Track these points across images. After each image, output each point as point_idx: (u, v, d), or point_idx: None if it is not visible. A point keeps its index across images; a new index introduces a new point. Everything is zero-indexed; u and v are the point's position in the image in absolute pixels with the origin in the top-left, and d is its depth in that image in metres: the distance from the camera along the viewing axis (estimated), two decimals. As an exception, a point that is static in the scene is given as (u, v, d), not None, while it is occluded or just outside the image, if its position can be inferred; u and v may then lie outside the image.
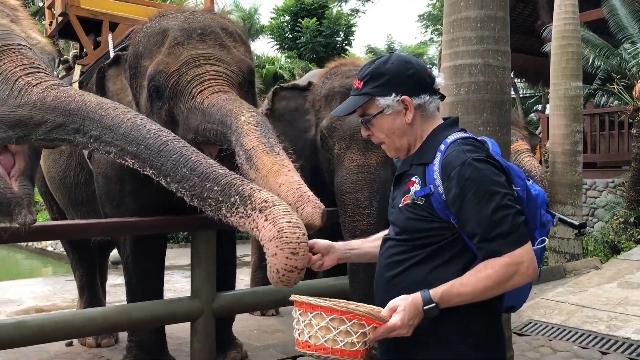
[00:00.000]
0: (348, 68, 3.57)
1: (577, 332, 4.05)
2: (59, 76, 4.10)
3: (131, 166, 1.84)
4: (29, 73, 1.90)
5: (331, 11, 18.28)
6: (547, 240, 1.59)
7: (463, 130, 1.57)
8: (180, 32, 2.70)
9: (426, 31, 26.11)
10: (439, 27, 24.32)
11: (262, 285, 4.98)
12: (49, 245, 10.15)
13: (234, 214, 1.71)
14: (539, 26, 10.41)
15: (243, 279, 5.57)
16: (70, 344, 4.00)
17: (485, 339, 1.50)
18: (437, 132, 1.55)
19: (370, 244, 1.77)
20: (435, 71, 1.59)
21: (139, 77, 2.85)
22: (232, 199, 1.71)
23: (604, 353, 3.72)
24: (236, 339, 3.62)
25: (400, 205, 1.55)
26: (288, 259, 1.57)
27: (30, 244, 10.52)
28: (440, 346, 1.49)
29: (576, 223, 1.89)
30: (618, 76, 7.75)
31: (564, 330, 4.12)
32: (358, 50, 25.27)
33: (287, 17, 17.96)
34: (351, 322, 1.37)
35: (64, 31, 4.00)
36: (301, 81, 4.25)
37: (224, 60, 2.65)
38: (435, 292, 1.41)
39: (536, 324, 4.28)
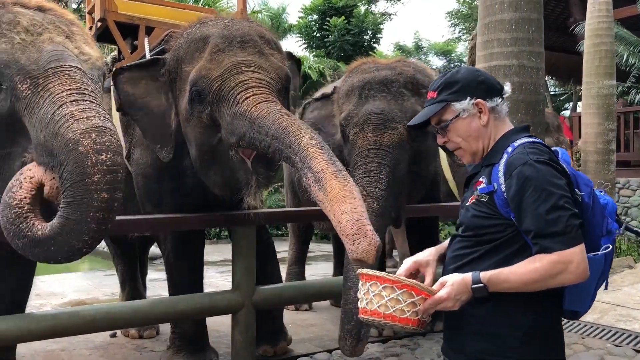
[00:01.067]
0: (368, 66, 3.65)
1: (610, 330, 4.07)
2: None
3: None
4: (73, 101, 1.95)
5: (359, 10, 18.30)
6: (610, 247, 1.62)
7: (532, 136, 1.66)
8: (221, 39, 2.80)
9: (455, 29, 25.87)
10: (468, 24, 24.15)
11: (297, 280, 5.12)
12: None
13: None
14: (571, 23, 10.31)
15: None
16: (114, 335, 4.16)
17: (534, 334, 1.58)
18: (507, 137, 1.66)
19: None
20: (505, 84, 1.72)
21: (178, 82, 2.96)
22: None
23: (637, 351, 3.74)
24: (285, 329, 3.74)
25: (467, 204, 1.67)
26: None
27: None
28: (489, 336, 1.59)
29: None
30: (653, 74, 7.67)
31: (597, 328, 4.14)
32: (386, 48, 25.29)
33: (315, 16, 18.00)
34: (401, 291, 1.52)
35: (102, 36, 4.15)
36: (329, 88, 4.36)
37: (263, 68, 2.75)
38: (485, 274, 1.53)
39: (569, 321, 4.30)
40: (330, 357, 3.71)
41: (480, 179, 1.65)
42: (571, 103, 20.86)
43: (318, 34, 17.73)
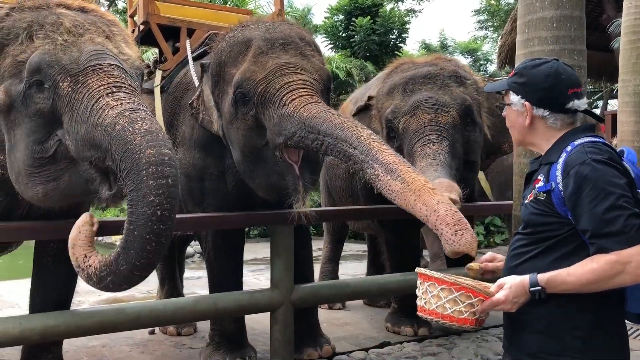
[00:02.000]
0: (407, 65, 3.72)
1: (649, 331, 4.02)
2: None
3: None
4: (110, 92, 2.05)
5: (385, 9, 18.26)
6: None
7: (595, 135, 1.65)
8: (264, 41, 2.86)
9: (481, 27, 25.63)
10: (495, 23, 23.90)
11: (330, 278, 5.15)
12: (118, 239, 10.61)
13: None
14: (604, 20, 10.16)
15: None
16: (152, 332, 4.24)
17: (595, 335, 1.57)
18: (568, 136, 1.66)
19: None
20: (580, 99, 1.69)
21: (221, 84, 3.02)
22: None
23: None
24: (323, 335, 3.75)
25: (526, 202, 1.68)
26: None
27: (100, 238, 11.02)
28: (551, 337, 1.59)
29: None
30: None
31: (631, 328, 4.08)
32: (411, 47, 25.19)
33: (341, 16, 18.01)
34: (458, 293, 1.57)
35: (145, 38, 4.23)
36: (358, 99, 4.40)
37: (306, 69, 2.80)
38: (543, 276, 1.54)
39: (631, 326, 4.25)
40: (367, 355, 3.73)
41: (539, 177, 1.66)
42: (601, 101, 20.51)
43: (344, 34, 17.73)
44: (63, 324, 2.69)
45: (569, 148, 1.61)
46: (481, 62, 26.49)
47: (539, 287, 1.54)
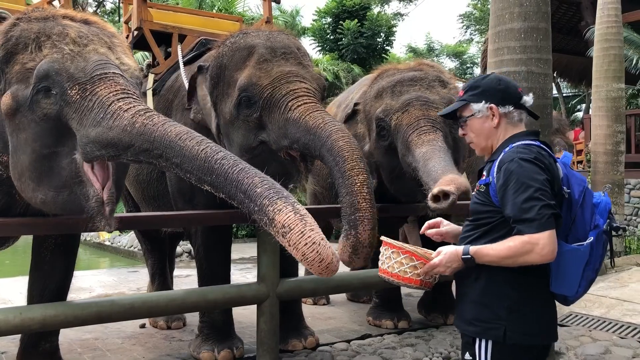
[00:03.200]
0: (391, 71, 3.91)
1: (616, 324, 4.25)
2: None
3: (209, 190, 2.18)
4: (120, 98, 2.22)
5: (372, 12, 18.49)
6: (592, 238, 1.84)
7: (536, 140, 1.90)
8: (266, 49, 3.09)
9: (466, 31, 25.99)
10: (480, 27, 24.25)
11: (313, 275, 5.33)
12: (107, 239, 10.74)
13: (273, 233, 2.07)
14: (583, 27, 10.43)
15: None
16: (143, 326, 4.40)
17: (519, 308, 1.83)
18: (512, 138, 1.91)
19: None
20: (527, 95, 1.97)
21: (222, 86, 3.21)
22: (264, 220, 2.05)
23: (642, 343, 3.92)
24: (307, 327, 3.96)
25: (472, 193, 1.96)
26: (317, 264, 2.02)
27: (88, 238, 11.13)
28: (483, 306, 1.87)
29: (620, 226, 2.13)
30: (662, 77, 7.78)
31: (604, 322, 4.32)
32: (398, 50, 25.44)
33: (329, 19, 18.21)
34: (404, 256, 1.87)
35: (138, 43, 4.41)
36: (341, 102, 4.63)
37: (306, 78, 3.05)
38: (473, 248, 1.84)
39: (577, 315, 4.49)
40: (349, 346, 3.92)
41: (484, 172, 1.94)
42: (584, 105, 20.88)
43: (332, 37, 17.92)
44: (62, 313, 2.84)
45: (507, 149, 1.86)
46: (467, 65, 26.84)
47: (469, 256, 1.82)
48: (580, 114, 20.83)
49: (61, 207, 2.42)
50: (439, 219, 2.13)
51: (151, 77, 4.17)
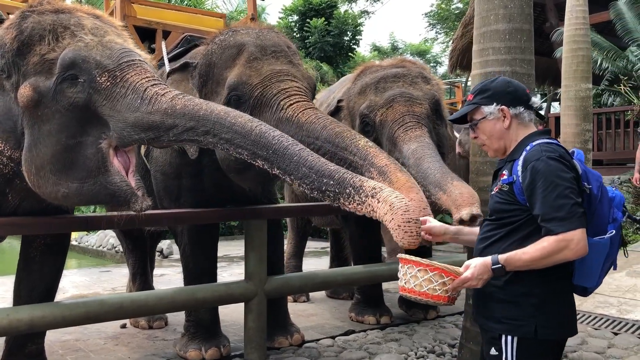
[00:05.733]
0: (374, 68, 3.94)
1: (590, 316, 4.40)
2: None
3: (260, 167, 2.20)
4: (154, 84, 2.25)
5: (339, 11, 18.57)
6: (614, 231, 1.89)
7: (550, 138, 1.94)
8: (256, 47, 3.05)
9: (432, 29, 26.34)
10: (444, 25, 24.61)
11: (294, 272, 5.36)
12: (74, 239, 10.49)
13: (351, 202, 2.10)
14: (547, 28, 10.73)
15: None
16: (124, 326, 4.35)
17: (546, 304, 1.86)
18: (528, 138, 1.95)
19: (474, 235, 2.16)
20: (535, 96, 2.02)
21: (210, 84, 3.18)
22: (348, 190, 2.09)
23: (615, 334, 4.07)
24: (293, 325, 3.97)
25: (492, 193, 1.98)
26: (403, 215, 1.99)
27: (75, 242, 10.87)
28: (510, 304, 1.89)
29: (638, 218, 2.21)
30: (625, 78, 8.06)
31: (578, 314, 4.46)
32: (363, 49, 25.62)
33: (296, 17, 18.22)
34: (433, 273, 1.83)
35: None
36: (323, 102, 4.69)
37: (297, 77, 3.02)
38: (502, 256, 1.83)
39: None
40: (334, 342, 3.96)
41: (504, 172, 1.96)
42: (545, 104, 21.43)
43: (298, 35, 17.90)
44: (50, 314, 2.80)
45: (528, 147, 1.90)
46: (431, 65, 27.21)
47: (500, 265, 1.82)
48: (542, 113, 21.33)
49: (86, 198, 2.38)
50: (428, 218, 2.15)
51: (149, 58, 4.12)
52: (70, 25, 2.34)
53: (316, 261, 7.86)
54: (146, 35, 4.20)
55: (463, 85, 17.17)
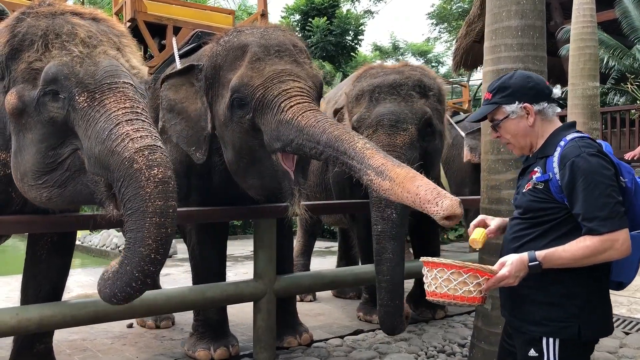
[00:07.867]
0: (375, 70, 3.87)
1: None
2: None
3: None
4: (128, 120, 2.11)
5: (341, 10, 18.54)
6: None
7: (580, 131, 1.90)
8: (259, 47, 2.97)
9: (435, 29, 26.27)
10: (447, 25, 24.55)
11: (302, 271, 5.34)
12: (77, 239, 10.46)
13: None
14: (552, 27, 10.66)
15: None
16: (130, 326, 4.33)
17: (588, 302, 1.81)
18: (557, 133, 1.90)
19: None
20: (555, 87, 1.94)
21: (216, 87, 3.12)
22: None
23: (626, 333, 4.04)
24: (302, 324, 3.94)
25: (524, 191, 1.91)
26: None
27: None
28: (552, 305, 1.84)
29: None
30: (632, 76, 8.01)
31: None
32: (365, 48, 25.54)
33: (298, 17, 18.19)
34: (467, 275, 1.75)
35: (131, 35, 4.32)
36: (331, 99, 4.63)
37: (301, 77, 2.92)
38: (540, 253, 1.77)
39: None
40: (343, 342, 3.93)
41: (536, 169, 1.89)
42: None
43: (300, 34, 17.90)
44: (59, 314, 2.78)
45: (562, 143, 1.84)
46: (433, 64, 27.14)
47: (537, 262, 1.75)
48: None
49: (69, 200, 2.36)
50: (483, 216, 2.10)
51: (145, 70, 4.09)
52: (62, 33, 2.26)
53: (321, 260, 7.83)
54: (157, 31, 4.16)
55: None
